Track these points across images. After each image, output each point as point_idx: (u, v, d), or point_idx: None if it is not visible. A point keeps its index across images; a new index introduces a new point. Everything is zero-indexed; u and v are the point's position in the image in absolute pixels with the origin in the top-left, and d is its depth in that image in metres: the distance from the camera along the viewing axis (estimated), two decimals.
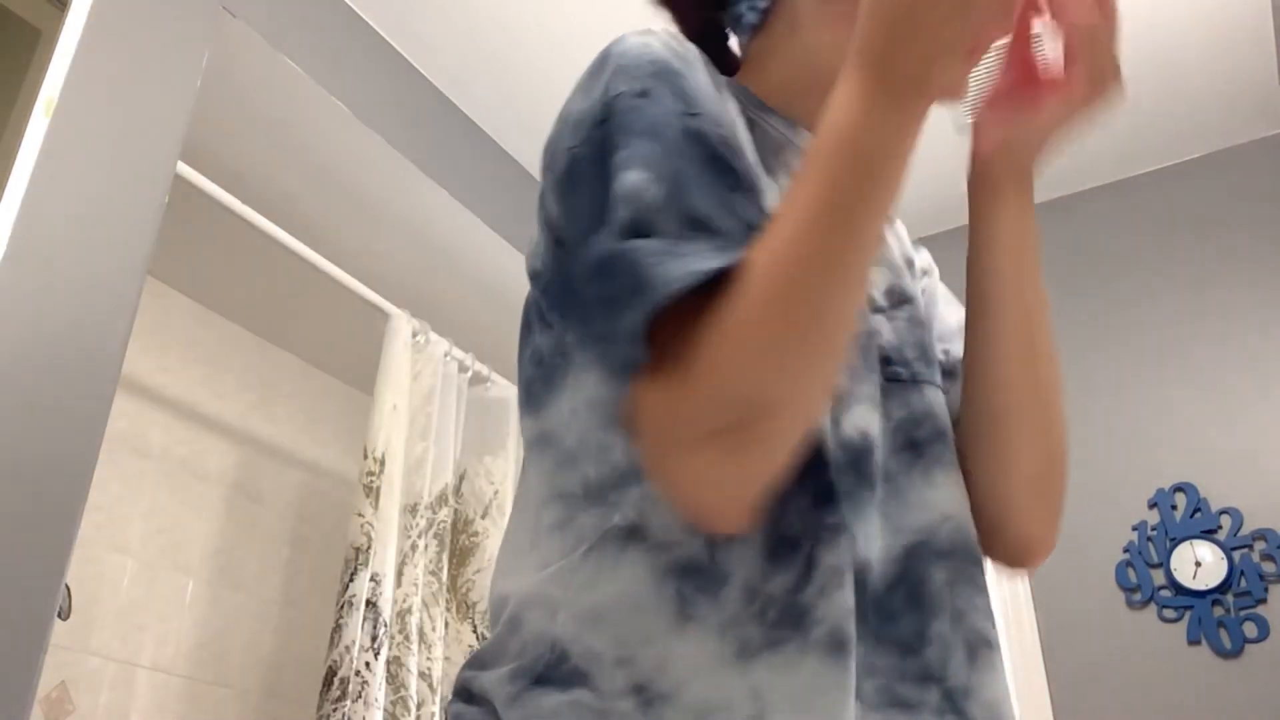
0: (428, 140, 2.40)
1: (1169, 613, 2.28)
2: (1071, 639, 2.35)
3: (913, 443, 0.68)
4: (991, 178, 0.73)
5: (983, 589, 0.68)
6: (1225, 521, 2.30)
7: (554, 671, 0.58)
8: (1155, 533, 2.35)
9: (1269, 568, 2.23)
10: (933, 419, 0.70)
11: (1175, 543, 2.32)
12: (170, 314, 2.65)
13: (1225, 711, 2.15)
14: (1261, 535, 2.25)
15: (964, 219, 0.77)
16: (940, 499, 0.68)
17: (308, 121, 2.19)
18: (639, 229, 0.56)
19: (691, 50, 0.69)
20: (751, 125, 0.73)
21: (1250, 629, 2.19)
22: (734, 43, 0.86)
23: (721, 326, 0.54)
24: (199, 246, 2.47)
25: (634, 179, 0.58)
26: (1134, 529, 2.38)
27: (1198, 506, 2.33)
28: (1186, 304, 2.54)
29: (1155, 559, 2.34)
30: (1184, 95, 2.51)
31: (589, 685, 0.56)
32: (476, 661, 0.63)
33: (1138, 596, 2.32)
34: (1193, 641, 2.24)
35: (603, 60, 0.66)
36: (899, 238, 0.85)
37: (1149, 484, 2.40)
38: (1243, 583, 2.23)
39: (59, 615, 1.48)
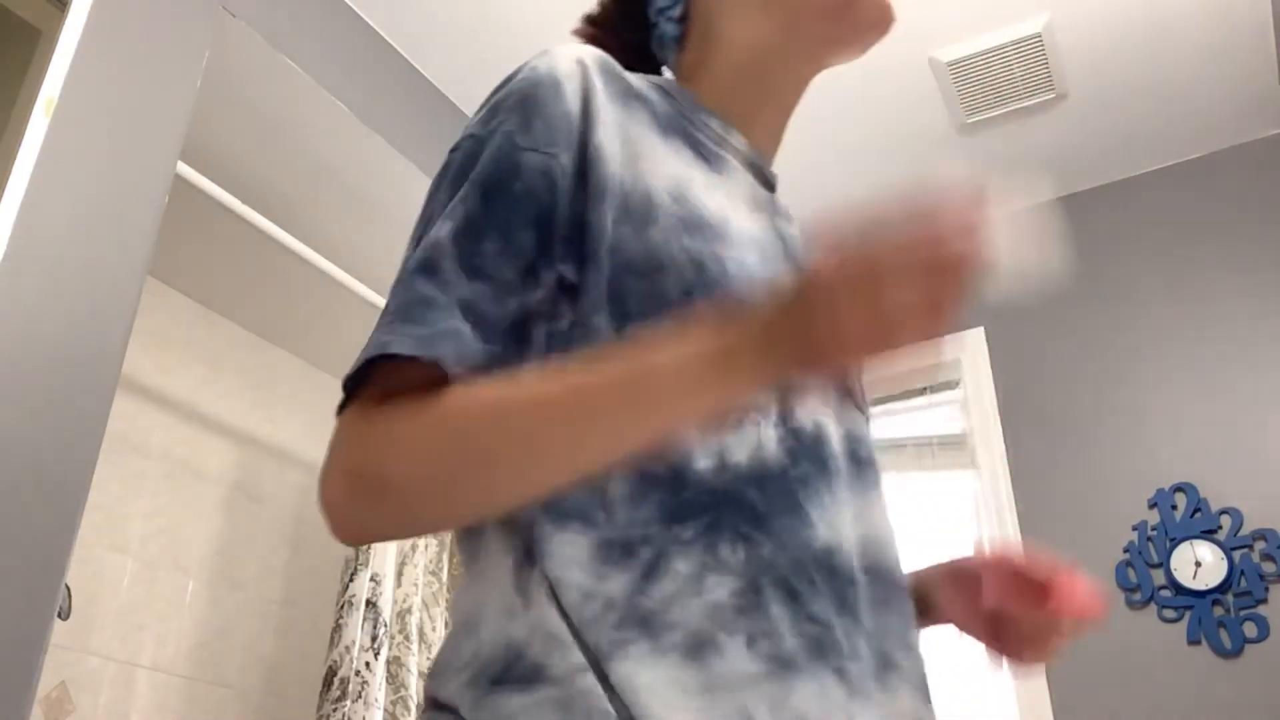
0: (428, 140, 2.40)
1: (1169, 613, 2.28)
2: (1072, 639, 2.35)
3: (856, 457, 0.71)
4: (938, 610, 0.79)
5: (907, 615, 0.69)
6: (1225, 521, 2.30)
7: (511, 671, 0.59)
8: (1155, 533, 2.35)
9: (1269, 568, 2.23)
10: (869, 445, 0.74)
11: (1175, 543, 2.32)
12: (170, 314, 2.65)
13: (1225, 711, 2.15)
14: (1261, 535, 2.25)
15: None
16: (878, 518, 0.70)
17: (308, 121, 2.19)
18: (425, 269, 0.63)
19: (593, 65, 0.70)
20: (689, 123, 0.76)
21: (1250, 629, 2.19)
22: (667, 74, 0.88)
23: (416, 407, 0.59)
24: (199, 246, 2.47)
25: (443, 228, 0.64)
26: (1134, 529, 2.38)
27: (1198, 506, 2.33)
28: (1187, 304, 2.54)
29: (1155, 559, 2.33)
30: (1184, 95, 2.50)
31: (547, 678, 0.57)
32: (437, 668, 0.65)
33: (1138, 596, 2.32)
34: (1193, 641, 2.24)
35: (501, 80, 0.71)
36: None
37: (1149, 484, 2.40)
38: (1243, 583, 2.23)
39: (59, 615, 1.48)
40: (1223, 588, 2.24)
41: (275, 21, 2.07)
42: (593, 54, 0.72)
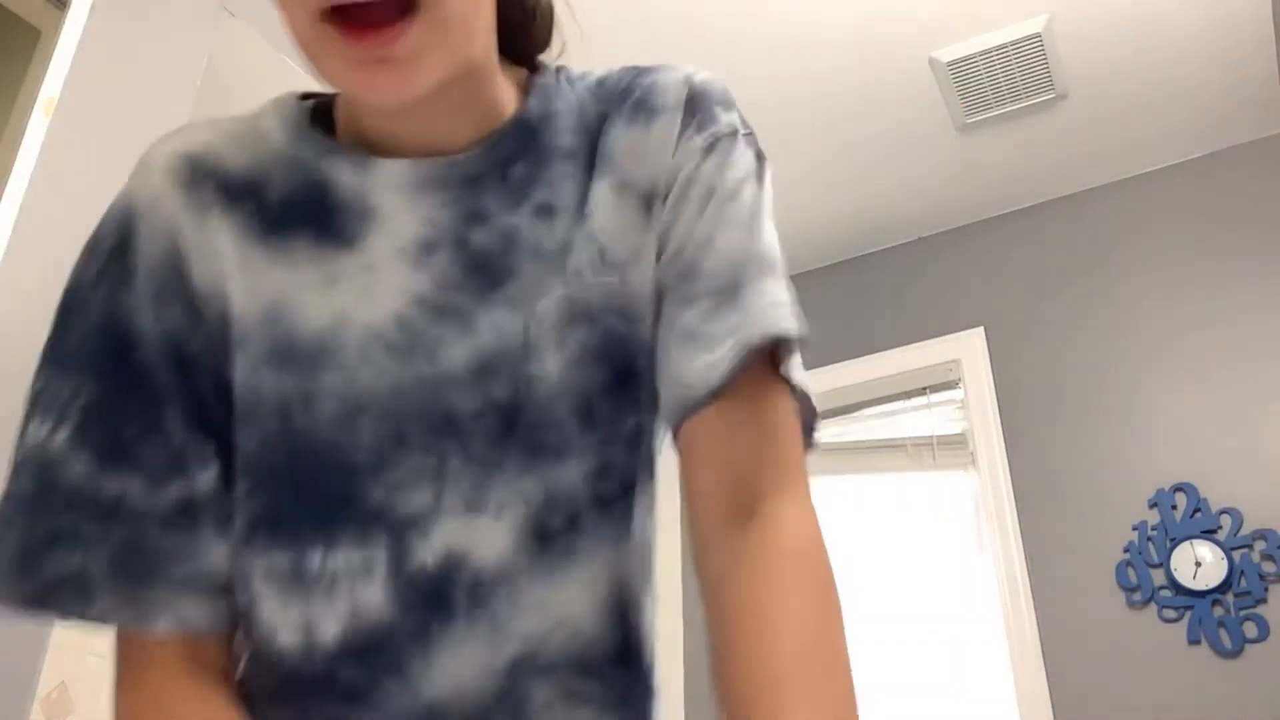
0: None
1: (1169, 613, 2.28)
2: (1071, 639, 2.35)
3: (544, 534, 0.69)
4: None
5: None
6: (1225, 521, 2.30)
7: None
8: (1155, 533, 2.35)
9: (1269, 568, 2.23)
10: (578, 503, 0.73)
11: (1175, 543, 2.32)
12: None
13: (1225, 711, 2.15)
14: (1261, 535, 2.25)
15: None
16: (556, 606, 0.68)
17: None
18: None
19: (176, 178, 0.65)
20: (319, 184, 0.65)
21: (1250, 629, 2.19)
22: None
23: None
24: None
25: (58, 437, 0.61)
26: (1134, 529, 2.38)
27: (1198, 506, 2.33)
28: (1187, 304, 2.54)
29: (1155, 559, 2.33)
30: (1184, 95, 2.50)
31: None
32: None
33: (1138, 596, 2.32)
34: (1193, 641, 2.24)
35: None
36: None
37: (1149, 484, 2.40)
38: (1243, 583, 2.23)
39: None
40: (1223, 588, 2.24)
41: (275, 21, 2.06)
42: (181, 159, 0.66)
